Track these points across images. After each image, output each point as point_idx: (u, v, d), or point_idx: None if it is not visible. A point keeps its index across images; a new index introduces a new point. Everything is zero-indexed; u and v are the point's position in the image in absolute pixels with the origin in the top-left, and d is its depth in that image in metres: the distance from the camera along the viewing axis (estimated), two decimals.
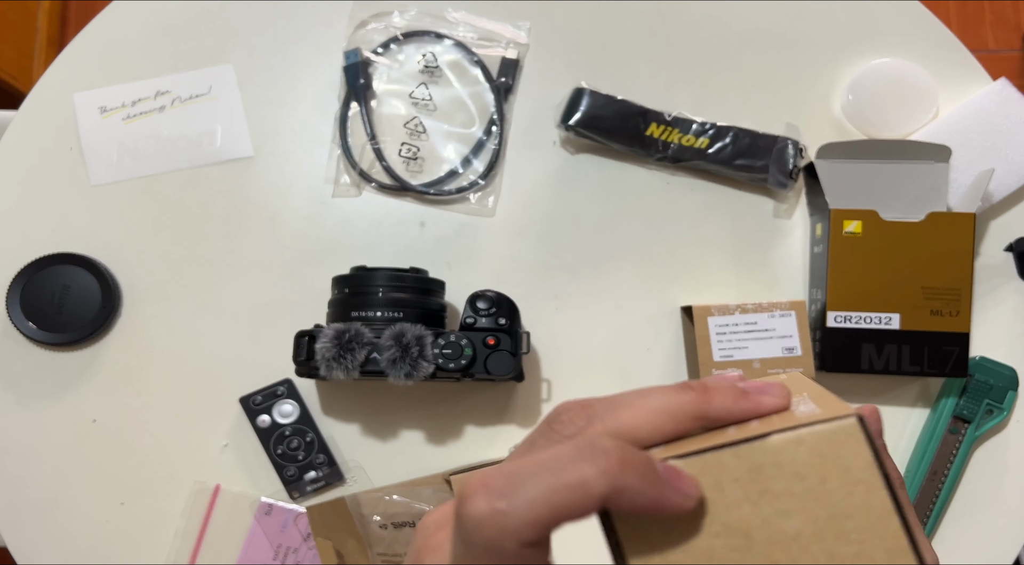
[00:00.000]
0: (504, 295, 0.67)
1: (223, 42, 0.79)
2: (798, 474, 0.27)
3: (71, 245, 0.75)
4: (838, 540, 0.26)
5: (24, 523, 0.71)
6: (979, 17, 1.62)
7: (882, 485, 0.27)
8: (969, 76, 0.79)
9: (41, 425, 0.73)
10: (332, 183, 0.76)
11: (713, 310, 0.69)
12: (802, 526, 0.27)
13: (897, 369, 0.70)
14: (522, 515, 0.22)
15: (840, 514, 0.27)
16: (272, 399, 0.72)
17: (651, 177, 0.77)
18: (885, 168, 0.71)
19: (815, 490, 0.27)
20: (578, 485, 0.22)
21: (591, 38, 0.79)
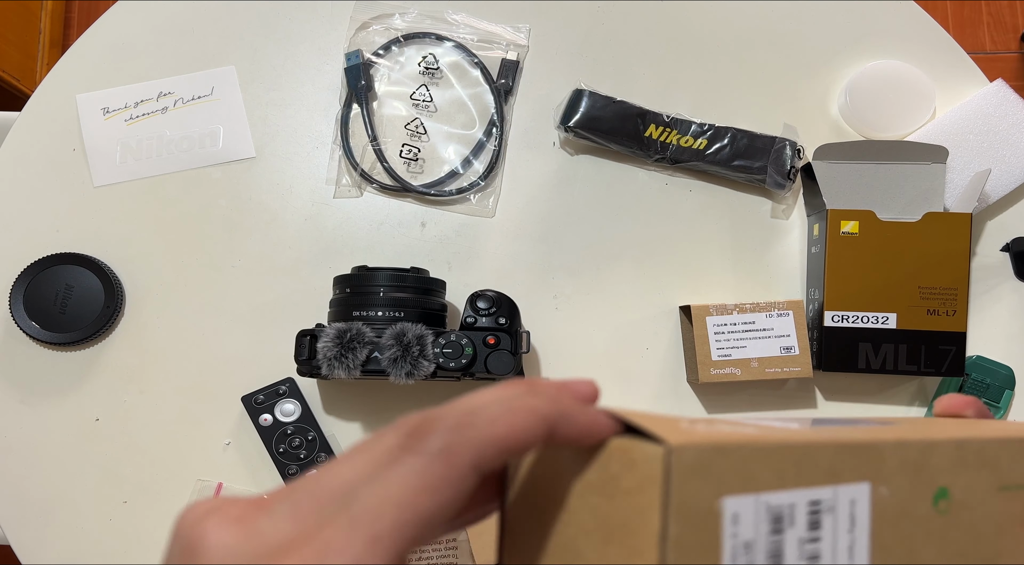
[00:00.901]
0: (504, 295, 0.68)
1: (225, 44, 0.79)
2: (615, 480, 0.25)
3: (74, 245, 0.75)
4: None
5: (27, 521, 0.72)
6: (976, 19, 1.62)
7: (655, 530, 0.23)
8: (966, 77, 0.79)
9: (44, 424, 0.73)
10: (333, 184, 0.77)
11: (711, 310, 0.69)
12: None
13: (894, 368, 0.70)
14: (484, 431, 0.23)
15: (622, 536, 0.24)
16: (274, 398, 0.72)
17: (650, 178, 0.78)
18: (882, 169, 0.72)
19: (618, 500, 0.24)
20: (531, 410, 0.24)
21: (590, 40, 0.80)
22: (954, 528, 0.27)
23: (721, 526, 0.24)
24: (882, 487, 0.27)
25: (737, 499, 0.24)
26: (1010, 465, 0.28)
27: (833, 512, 0.26)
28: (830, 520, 0.25)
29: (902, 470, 0.27)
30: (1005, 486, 0.28)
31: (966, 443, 0.28)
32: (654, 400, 0.74)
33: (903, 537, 0.26)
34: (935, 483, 0.27)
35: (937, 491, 0.27)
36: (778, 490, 0.25)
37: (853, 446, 0.26)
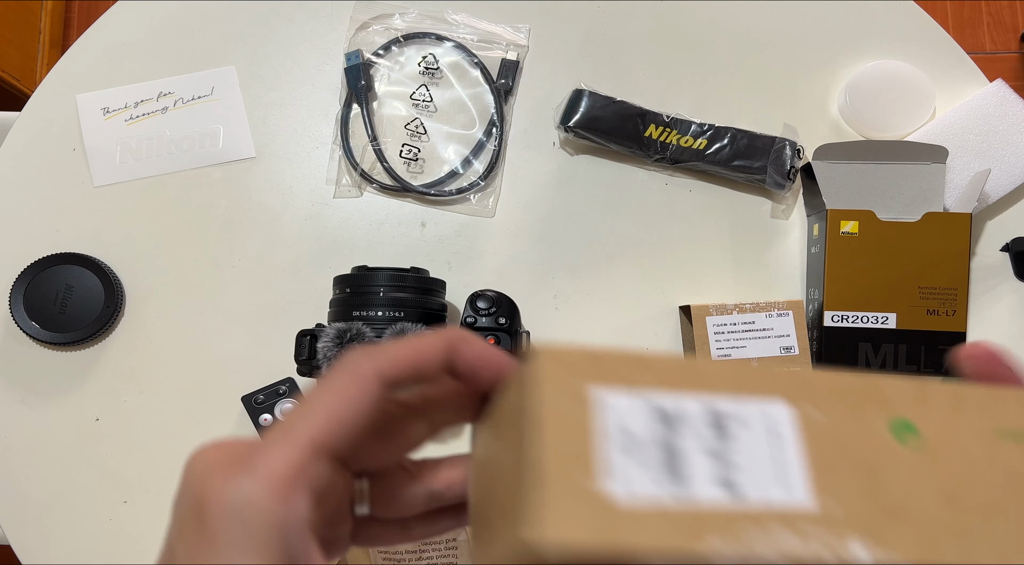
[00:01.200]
0: (504, 295, 0.68)
1: (225, 44, 0.79)
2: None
3: (74, 245, 0.75)
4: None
5: (27, 521, 0.72)
6: (976, 19, 1.63)
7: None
8: (966, 77, 0.79)
9: (44, 424, 0.73)
10: (333, 184, 0.77)
11: (711, 310, 0.69)
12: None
13: (894, 368, 0.70)
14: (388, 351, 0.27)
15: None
16: (274, 398, 0.72)
17: (650, 178, 0.78)
18: (882, 169, 0.72)
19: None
20: (434, 335, 0.28)
21: (590, 40, 0.80)
22: (938, 465, 0.24)
23: (590, 408, 0.23)
24: (809, 409, 0.25)
25: (609, 389, 0.24)
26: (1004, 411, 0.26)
27: (740, 420, 0.24)
28: (738, 428, 0.24)
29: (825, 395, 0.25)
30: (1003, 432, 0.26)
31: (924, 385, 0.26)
32: None
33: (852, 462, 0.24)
34: (889, 414, 0.25)
35: (897, 424, 0.25)
36: (661, 390, 0.24)
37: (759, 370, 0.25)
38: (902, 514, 0.23)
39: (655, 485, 0.22)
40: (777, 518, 0.22)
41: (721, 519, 0.21)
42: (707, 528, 0.21)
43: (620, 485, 0.22)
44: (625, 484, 0.22)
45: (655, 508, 0.21)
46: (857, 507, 0.23)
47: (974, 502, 0.24)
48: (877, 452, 0.24)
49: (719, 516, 0.22)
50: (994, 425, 0.25)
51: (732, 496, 0.22)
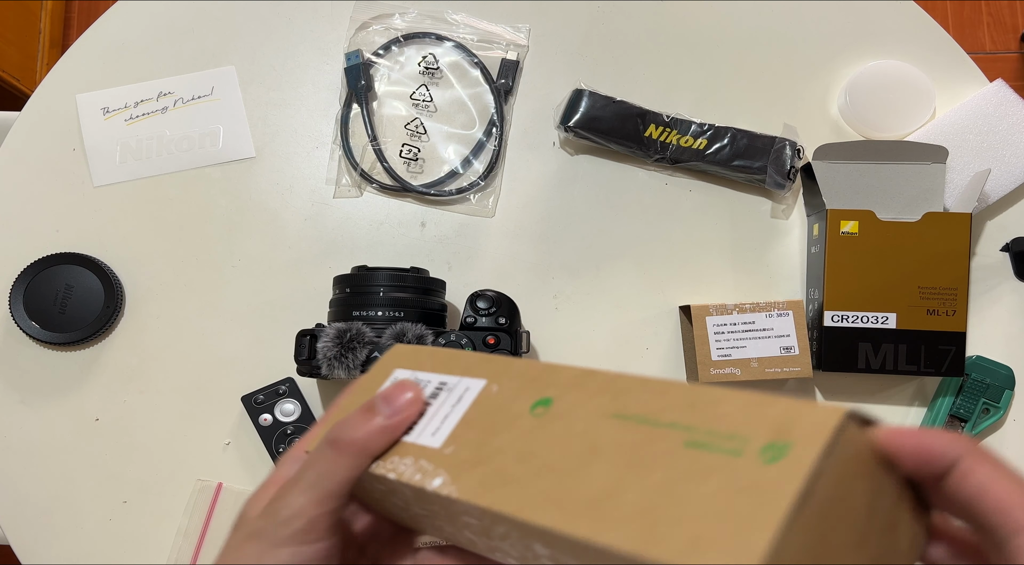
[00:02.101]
0: (504, 295, 0.68)
1: (225, 44, 0.79)
2: None
3: (74, 245, 0.75)
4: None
5: (27, 521, 0.72)
6: (976, 19, 1.63)
7: None
8: (966, 77, 0.79)
9: (44, 424, 0.73)
10: (333, 184, 0.77)
11: (711, 310, 0.69)
12: None
13: (894, 368, 0.70)
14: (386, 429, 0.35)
15: None
16: (274, 398, 0.72)
17: (650, 178, 0.78)
18: (882, 169, 0.72)
19: None
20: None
21: (590, 40, 0.80)
22: (541, 431, 0.30)
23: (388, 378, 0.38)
24: (494, 385, 0.34)
25: (405, 371, 0.38)
26: (636, 400, 0.29)
27: (449, 391, 0.35)
28: (445, 395, 0.35)
29: (517, 377, 0.34)
30: (620, 415, 0.29)
31: (596, 372, 0.32)
32: None
33: (488, 423, 0.32)
34: (542, 393, 0.32)
35: (540, 399, 0.32)
36: (431, 371, 0.37)
37: (498, 358, 0.36)
38: (481, 463, 0.30)
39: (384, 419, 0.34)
40: (411, 452, 0.33)
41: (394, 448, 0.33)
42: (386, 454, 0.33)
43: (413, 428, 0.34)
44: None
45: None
46: (462, 455, 0.31)
47: (538, 463, 0.29)
48: (508, 418, 0.32)
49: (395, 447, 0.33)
50: (614, 409, 0.30)
51: (406, 435, 0.34)
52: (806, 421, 0.24)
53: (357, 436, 0.33)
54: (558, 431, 0.30)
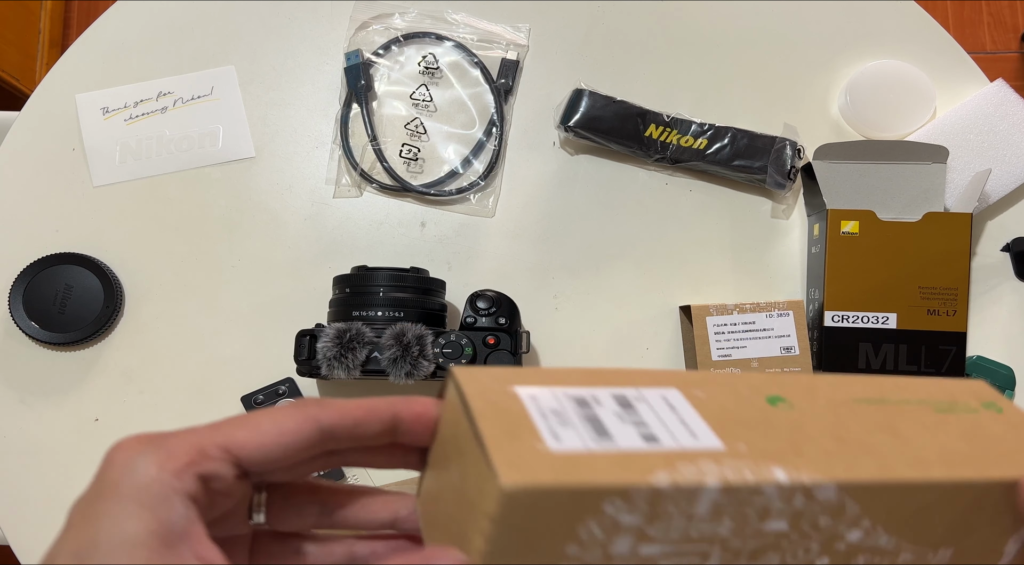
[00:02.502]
0: (504, 295, 0.67)
1: (225, 43, 0.79)
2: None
3: (74, 245, 0.75)
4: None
5: (27, 522, 0.72)
6: (976, 18, 1.62)
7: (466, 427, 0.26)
8: (966, 77, 0.79)
9: (44, 424, 0.73)
10: (333, 184, 0.77)
11: (712, 310, 0.69)
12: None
13: (894, 368, 0.70)
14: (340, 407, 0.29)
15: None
16: (274, 398, 0.72)
17: (650, 178, 0.77)
18: (882, 169, 0.72)
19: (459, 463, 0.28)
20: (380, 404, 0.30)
21: (590, 40, 0.80)
22: (809, 418, 0.29)
23: (521, 400, 0.27)
24: (695, 391, 0.29)
25: (530, 388, 0.28)
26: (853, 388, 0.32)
27: (644, 400, 0.28)
28: (643, 405, 0.28)
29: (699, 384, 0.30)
30: (858, 400, 0.31)
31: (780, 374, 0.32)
32: None
33: (743, 420, 0.28)
34: (762, 393, 0.30)
35: (769, 397, 0.30)
36: (571, 386, 0.28)
37: (646, 370, 0.31)
38: (801, 449, 0.27)
39: (592, 442, 0.25)
40: (702, 456, 0.26)
41: (657, 459, 0.25)
42: (650, 466, 0.25)
43: (564, 443, 0.25)
44: (568, 442, 0.25)
45: (598, 456, 0.25)
46: (760, 447, 0.27)
47: (858, 438, 0.29)
48: (758, 413, 0.29)
49: (653, 458, 0.25)
50: (849, 396, 0.31)
51: (655, 445, 0.26)
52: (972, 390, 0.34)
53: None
54: (824, 415, 0.30)
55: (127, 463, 0.26)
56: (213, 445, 0.27)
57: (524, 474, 0.23)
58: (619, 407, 0.27)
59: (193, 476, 0.26)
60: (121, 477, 0.26)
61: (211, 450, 0.27)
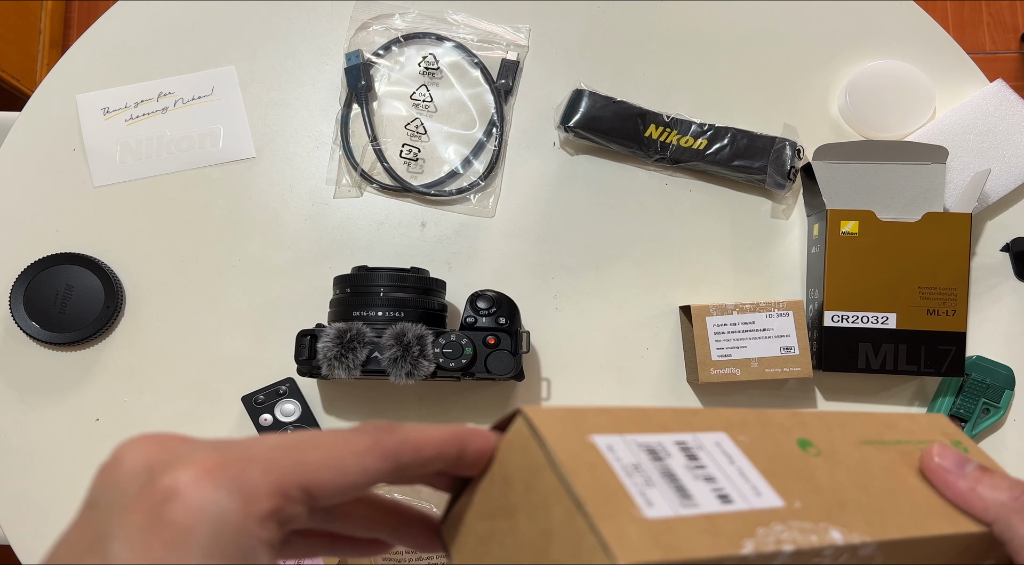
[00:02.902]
0: (504, 295, 0.68)
1: (225, 44, 0.79)
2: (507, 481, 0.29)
3: (74, 245, 0.75)
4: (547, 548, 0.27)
5: (27, 521, 0.72)
6: (976, 19, 1.63)
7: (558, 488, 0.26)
8: (966, 77, 0.79)
9: (44, 424, 0.73)
10: (333, 184, 0.77)
11: (711, 310, 0.69)
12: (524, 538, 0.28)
13: (894, 368, 0.70)
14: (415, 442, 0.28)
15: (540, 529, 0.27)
16: (274, 398, 0.72)
17: (650, 178, 0.78)
18: (882, 169, 0.72)
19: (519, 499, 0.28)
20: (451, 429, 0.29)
21: (590, 40, 0.80)
22: (836, 465, 0.32)
23: (601, 452, 0.28)
24: (740, 435, 0.32)
25: (604, 436, 0.29)
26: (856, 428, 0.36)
27: (703, 448, 0.30)
28: (704, 455, 0.30)
29: (740, 425, 0.32)
30: (865, 441, 0.35)
31: (798, 412, 0.35)
32: (654, 400, 0.74)
33: (786, 469, 0.31)
34: (791, 435, 0.33)
35: (799, 440, 0.33)
36: (636, 433, 0.30)
37: (688, 410, 0.32)
38: (842, 504, 0.30)
39: (680, 506, 0.27)
40: (773, 518, 0.28)
41: (738, 525, 0.27)
42: (737, 535, 0.27)
43: (656, 509, 0.26)
44: (659, 508, 0.27)
45: (689, 524, 0.26)
46: (812, 503, 0.30)
47: (877, 488, 0.32)
48: (798, 460, 0.32)
49: (735, 523, 0.27)
50: (856, 437, 0.35)
51: (731, 507, 0.28)
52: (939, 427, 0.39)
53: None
54: (847, 460, 0.33)
55: (203, 506, 0.23)
56: (295, 486, 0.24)
57: (636, 552, 0.24)
58: (686, 458, 0.29)
59: (276, 524, 0.24)
60: (197, 522, 0.22)
61: (292, 492, 0.24)
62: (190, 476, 0.23)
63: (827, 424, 0.35)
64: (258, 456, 0.24)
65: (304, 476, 0.25)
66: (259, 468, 0.24)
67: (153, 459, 0.24)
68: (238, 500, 0.23)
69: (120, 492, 0.24)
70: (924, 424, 0.38)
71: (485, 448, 0.29)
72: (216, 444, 0.25)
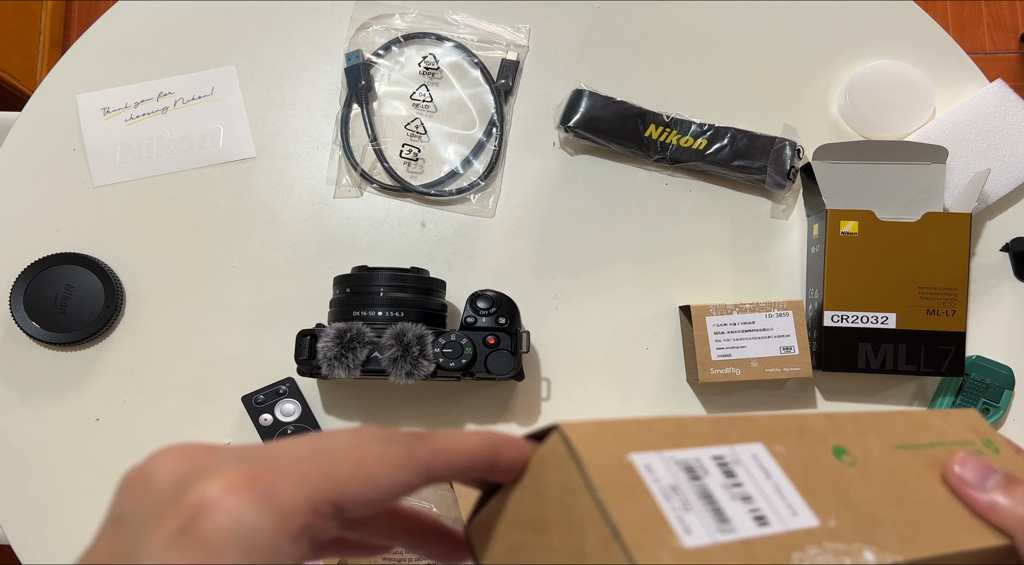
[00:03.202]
0: (504, 295, 0.68)
1: (226, 44, 0.79)
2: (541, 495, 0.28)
3: (74, 245, 0.75)
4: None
5: (27, 521, 0.72)
6: (976, 19, 1.63)
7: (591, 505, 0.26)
8: (965, 77, 0.79)
9: (44, 424, 0.73)
10: (333, 184, 0.77)
11: (711, 310, 0.69)
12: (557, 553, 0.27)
13: (893, 368, 0.70)
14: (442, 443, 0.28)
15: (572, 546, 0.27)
16: (274, 398, 0.72)
17: (650, 178, 0.78)
18: (882, 169, 0.72)
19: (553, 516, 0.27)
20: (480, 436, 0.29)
21: (590, 40, 0.80)
22: (872, 475, 0.32)
23: (639, 473, 0.27)
24: (776, 446, 0.31)
25: (642, 454, 0.28)
26: (891, 432, 0.35)
27: (740, 463, 0.30)
28: (742, 470, 0.30)
29: (777, 433, 0.32)
30: (899, 446, 0.35)
31: (834, 415, 0.34)
32: (654, 400, 0.74)
33: (821, 483, 0.31)
34: (827, 443, 0.33)
35: (834, 448, 0.33)
36: (674, 449, 0.29)
37: (725, 418, 0.32)
38: (875, 520, 0.30)
39: (718, 532, 0.27)
40: (807, 540, 0.28)
41: (774, 549, 0.27)
42: (773, 560, 0.26)
43: (695, 537, 0.26)
44: (697, 536, 0.26)
45: (727, 550, 0.26)
46: (847, 520, 0.29)
47: (910, 500, 0.32)
48: (833, 472, 0.31)
49: (771, 548, 0.27)
50: (889, 442, 0.34)
51: (768, 529, 0.28)
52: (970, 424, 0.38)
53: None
54: (880, 470, 0.33)
55: (234, 524, 0.22)
56: (325, 501, 0.24)
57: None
58: (723, 476, 0.29)
59: (307, 541, 0.23)
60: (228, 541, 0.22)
61: (323, 508, 0.24)
62: (219, 491, 0.23)
63: (862, 428, 0.35)
64: (287, 469, 0.24)
65: (335, 491, 0.24)
66: (289, 482, 0.23)
67: (181, 473, 0.24)
68: (269, 517, 0.23)
69: (148, 507, 0.24)
70: (956, 422, 0.38)
71: (519, 459, 0.29)
72: (242, 454, 0.25)
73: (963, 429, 0.38)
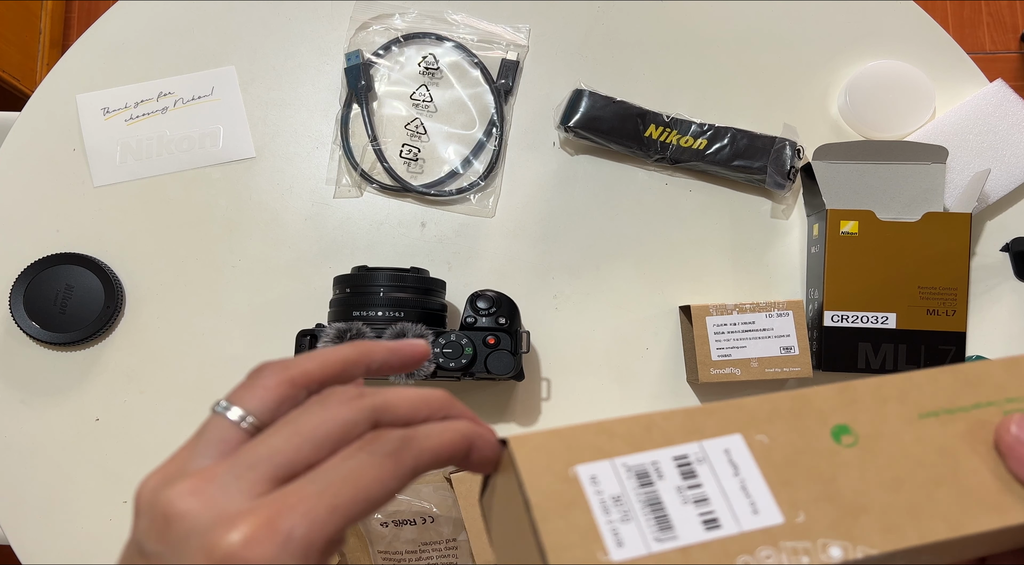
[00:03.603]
0: (504, 295, 0.68)
1: (225, 44, 0.79)
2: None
3: (74, 245, 0.75)
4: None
5: (27, 521, 0.72)
6: (976, 19, 1.63)
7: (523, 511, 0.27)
8: (966, 77, 0.79)
9: (44, 424, 0.73)
10: (333, 184, 0.77)
11: (711, 310, 0.69)
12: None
13: (894, 368, 0.70)
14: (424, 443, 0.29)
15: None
16: None
17: (650, 178, 0.78)
18: (882, 169, 0.72)
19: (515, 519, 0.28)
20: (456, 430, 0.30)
21: (590, 40, 0.80)
22: (875, 456, 0.29)
23: (582, 486, 0.27)
24: (756, 435, 0.29)
25: (590, 465, 0.28)
26: (922, 397, 0.31)
27: (706, 461, 0.29)
28: (705, 468, 0.28)
29: (765, 420, 0.30)
30: (926, 414, 0.31)
31: (848, 386, 0.31)
32: (654, 400, 0.74)
33: (805, 472, 0.28)
34: (828, 422, 0.30)
35: (835, 428, 0.30)
36: (631, 454, 0.28)
37: (704, 409, 0.30)
38: (860, 510, 0.28)
39: (655, 541, 0.26)
40: (760, 542, 0.27)
41: (718, 554, 0.26)
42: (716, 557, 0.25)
43: (626, 550, 0.26)
44: (630, 548, 0.26)
45: (663, 562, 0.26)
46: (821, 513, 0.28)
47: (915, 482, 0.29)
48: (823, 458, 0.29)
49: (713, 552, 0.26)
50: (915, 410, 0.31)
51: (717, 533, 0.27)
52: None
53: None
54: (887, 449, 0.30)
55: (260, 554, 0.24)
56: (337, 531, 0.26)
57: None
58: (681, 478, 0.28)
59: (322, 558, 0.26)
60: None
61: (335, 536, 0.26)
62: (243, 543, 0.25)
63: (883, 398, 0.31)
64: (294, 509, 0.25)
65: (341, 519, 0.26)
66: (303, 526, 0.25)
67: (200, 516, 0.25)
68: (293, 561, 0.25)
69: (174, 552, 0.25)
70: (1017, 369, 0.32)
71: (490, 454, 0.30)
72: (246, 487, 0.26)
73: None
